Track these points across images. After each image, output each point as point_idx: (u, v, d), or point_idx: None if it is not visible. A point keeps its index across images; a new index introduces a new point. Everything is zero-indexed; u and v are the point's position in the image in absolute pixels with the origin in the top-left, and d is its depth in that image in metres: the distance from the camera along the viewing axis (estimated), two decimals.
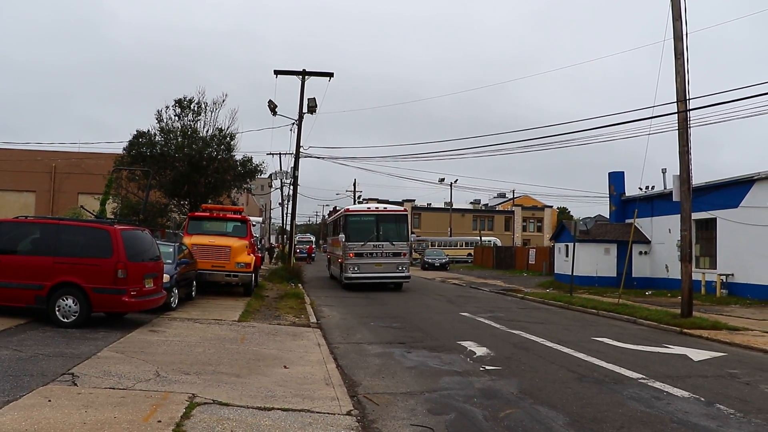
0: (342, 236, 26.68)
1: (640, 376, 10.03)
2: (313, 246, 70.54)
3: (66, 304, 11.73)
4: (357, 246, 26.57)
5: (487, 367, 10.43)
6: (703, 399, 8.58)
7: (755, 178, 23.85)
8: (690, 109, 17.19)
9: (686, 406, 8.16)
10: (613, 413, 7.72)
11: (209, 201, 29.63)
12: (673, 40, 17.25)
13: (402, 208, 29.44)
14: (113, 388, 7.41)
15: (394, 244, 26.97)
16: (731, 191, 25.26)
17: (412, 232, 30.24)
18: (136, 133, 29.83)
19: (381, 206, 28.97)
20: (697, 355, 12.24)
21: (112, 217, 25.80)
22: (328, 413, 7.10)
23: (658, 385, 9.39)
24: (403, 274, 27.13)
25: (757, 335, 14.78)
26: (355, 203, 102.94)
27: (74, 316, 11.74)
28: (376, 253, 26.70)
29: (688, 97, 17.01)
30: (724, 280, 25.12)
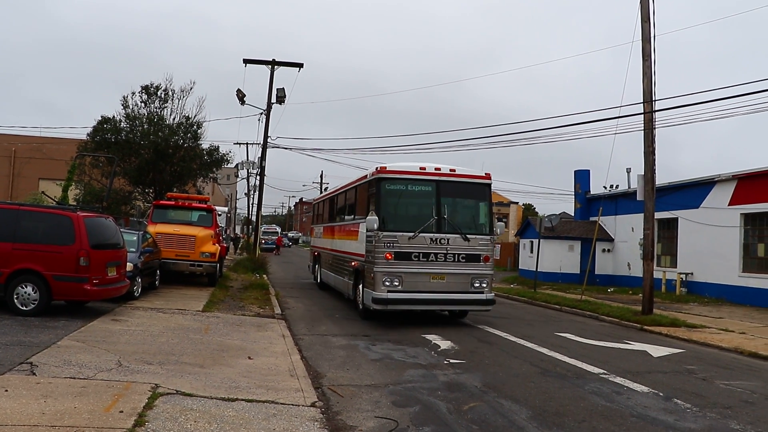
0: (372, 220, 14.19)
1: (602, 371, 10.19)
2: (282, 237, 70.00)
3: (25, 292, 11.50)
4: (401, 240, 14.32)
5: (451, 361, 10.50)
6: (661, 394, 8.76)
7: (716, 179, 24.37)
8: (656, 110, 17.48)
9: (645, 401, 8.32)
10: (575, 407, 7.83)
11: (174, 189, 29.32)
12: (641, 41, 17.50)
13: (482, 173, 15.60)
14: (74, 378, 7.28)
15: (468, 239, 14.63)
16: (693, 192, 25.78)
17: (500, 219, 17.63)
18: (100, 118, 29.39)
19: (444, 167, 15.36)
20: (656, 351, 12.49)
21: (75, 203, 25.35)
22: (292, 404, 7.07)
23: (618, 380, 9.56)
24: (481, 296, 14.74)
25: (713, 332, 15.12)
26: (321, 194, 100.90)
27: (34, 304, 11.52)
28: (436, 254, 14.50)
29: (654, 98, 17.29)
30: (684, 279, 25.66)
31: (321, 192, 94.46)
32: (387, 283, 14.18)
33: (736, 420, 7.58)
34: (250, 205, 61.86)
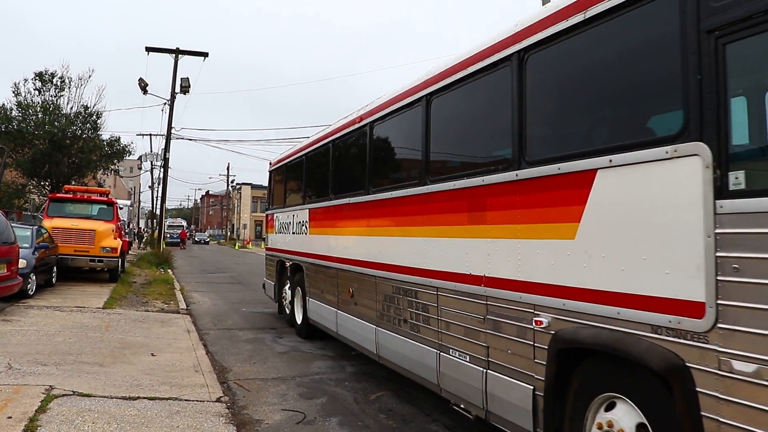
0: None
1: None
2: (186, 231, 68.34)
3: None
4: None
5: (359, 351, 10.57)
6: None
7: None
8: None
9: None
10: None
11: (73, 182, 28.20)
12: None
13: None
14: None
15: None
16: None
17: None
18: None
19: None
20: None
21: None
22: (197, 401, 6.94)
23: None
24: None
25: None
26: (228, 187, 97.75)
27: None
28: None
29: None
30: None
31: (227, 185, 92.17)
32: None
33: None
34: (155, 198, 60.06)
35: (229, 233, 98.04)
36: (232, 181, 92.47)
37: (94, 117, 29.58)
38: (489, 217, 5.45)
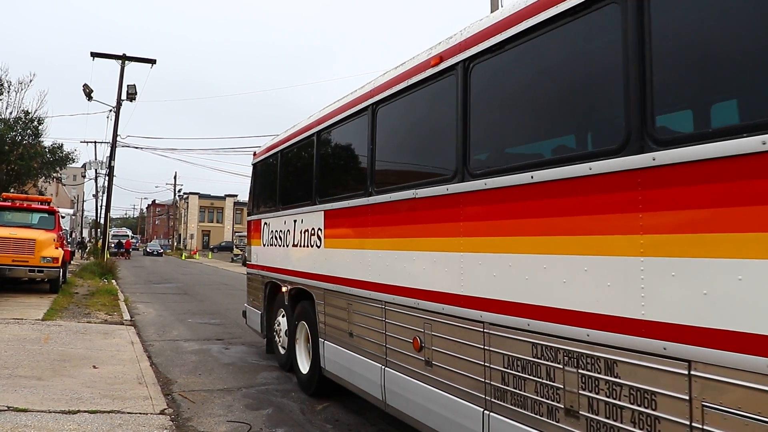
0: None
1: None
2: (131, 240, 66.90)
3: None
4: None
5: None
6: None
7: None
8: None
9: None
10: None
11: (12, 190, 27.42)
12: None
13: None
14: None
15: None
16: None
17: None
18: None
19: None
20: None
21: None
22: (140, 413, 6.82)
23: None
24: None
25: None
26: (175, 197, 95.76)
27: None
28: None
29: None
30: None
31: (174, 195, 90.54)
32: None
33: None
34: (99, 207, 58.72)
35: (175, 243, 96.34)
36: (179, 191, 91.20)
37: (36, 123, 28.94)
38: None
